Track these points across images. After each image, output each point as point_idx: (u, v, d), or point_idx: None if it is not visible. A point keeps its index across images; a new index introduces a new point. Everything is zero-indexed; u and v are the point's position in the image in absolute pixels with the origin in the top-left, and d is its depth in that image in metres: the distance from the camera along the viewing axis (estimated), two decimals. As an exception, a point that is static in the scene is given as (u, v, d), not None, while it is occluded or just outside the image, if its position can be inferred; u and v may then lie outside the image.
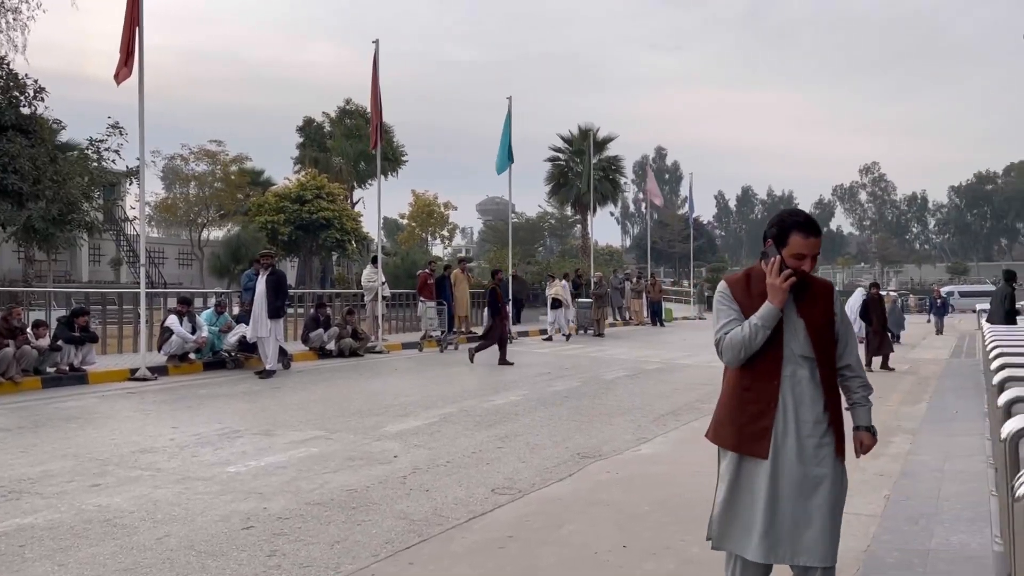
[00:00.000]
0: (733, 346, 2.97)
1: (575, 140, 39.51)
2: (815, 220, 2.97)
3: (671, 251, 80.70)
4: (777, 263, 2.92)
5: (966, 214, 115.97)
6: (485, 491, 5.88)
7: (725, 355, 3.02)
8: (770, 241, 2.97)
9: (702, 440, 7.74)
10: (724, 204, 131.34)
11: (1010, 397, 4.33)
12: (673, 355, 16.85)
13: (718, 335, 3.04)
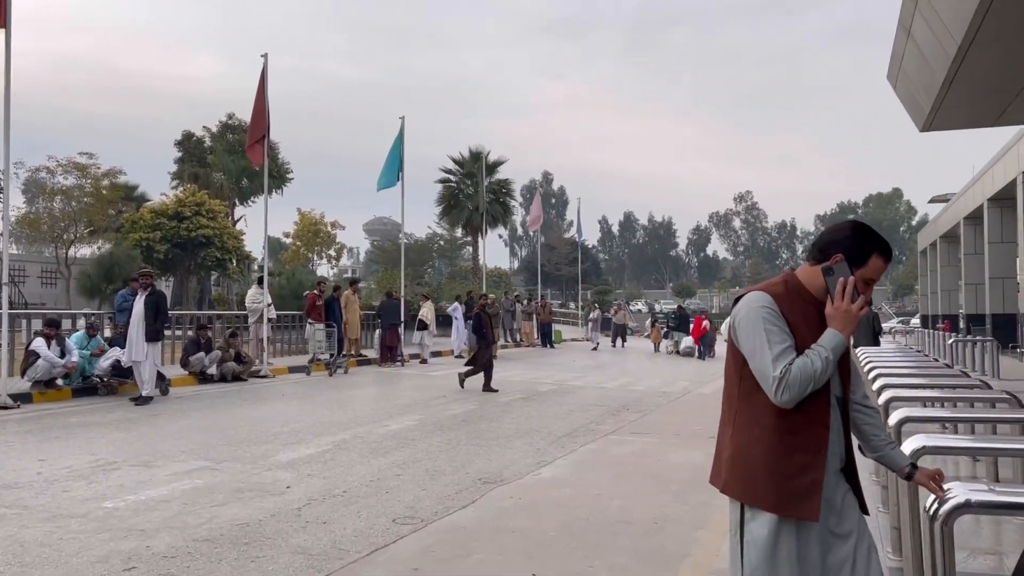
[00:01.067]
0: (803, 381, 2.35)
1: (466, 162, 39.66)
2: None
3: (558, 274, 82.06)
4: (851, 285, 2.45)
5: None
6: (386, 521, 5.67)
7: (788, 392, 2.36)
8: (840, 256, 2.48)
9: (602, 462, 7.84)
10: (608, 229, 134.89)
11: (900, 417, 4.53)
12: (565, 376, 17.00)
13: (780, 367, 2.37)
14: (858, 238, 2.51)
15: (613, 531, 5.52)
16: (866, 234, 2.52)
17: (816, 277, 2.53)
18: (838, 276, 2.47)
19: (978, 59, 11.31)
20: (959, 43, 10.60)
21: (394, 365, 19.05)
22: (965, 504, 2.43)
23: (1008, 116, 15.18)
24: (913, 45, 12.98)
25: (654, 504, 6.21)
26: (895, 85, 15.68)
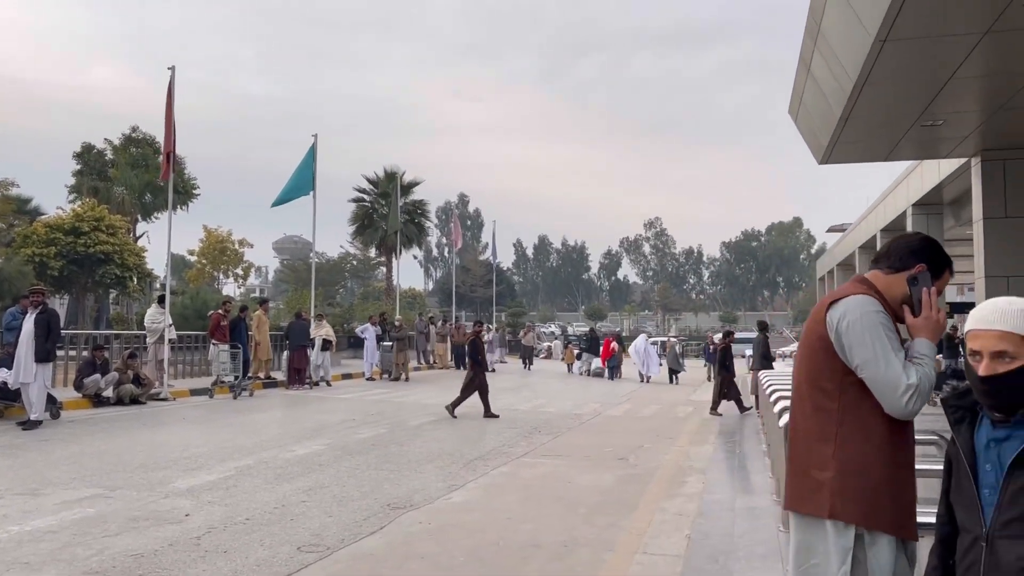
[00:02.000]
0: (929, 390, 2.25)
1: (380, 182, 39.35)
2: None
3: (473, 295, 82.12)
4: (935, 296, 2.40)
5: (735, 267, 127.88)
6: (290, 549, 5.50)
7: (920, 401, 2.23)
8: (923, 266, 2.42)
9: (513, 485, 7.83)
10: (522, 252, 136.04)
11: (799, 439, 4.69)
12: (477, 399, 16.92)
13: (914, 375, 2.23)
14: (936, 251, 2.46)
15: (523, 555, 5.51)
16: (940, 248, 2.48)
17: (894, 286, 2.43)
18: (922, 286, 2.38)
19: (872, 98, 11.96)
20: (855, 81, 11.18)
21: (302, 388, 18.62)
22: (858, 524, 2.51)
23: (898, 152, 16.08)
24: (812, 82, 13.63)
25: (564, 527, 6.22)
26: (796, 119, 16.40)
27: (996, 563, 1.72)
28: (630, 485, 7.94)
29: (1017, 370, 1.72)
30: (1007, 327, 1.74)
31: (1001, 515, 1.73)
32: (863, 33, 9.80)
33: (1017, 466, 1.72)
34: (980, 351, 1.77)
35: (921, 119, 13.33)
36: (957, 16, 9.09)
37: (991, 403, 1.77)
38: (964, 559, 1.81)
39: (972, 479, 1.79)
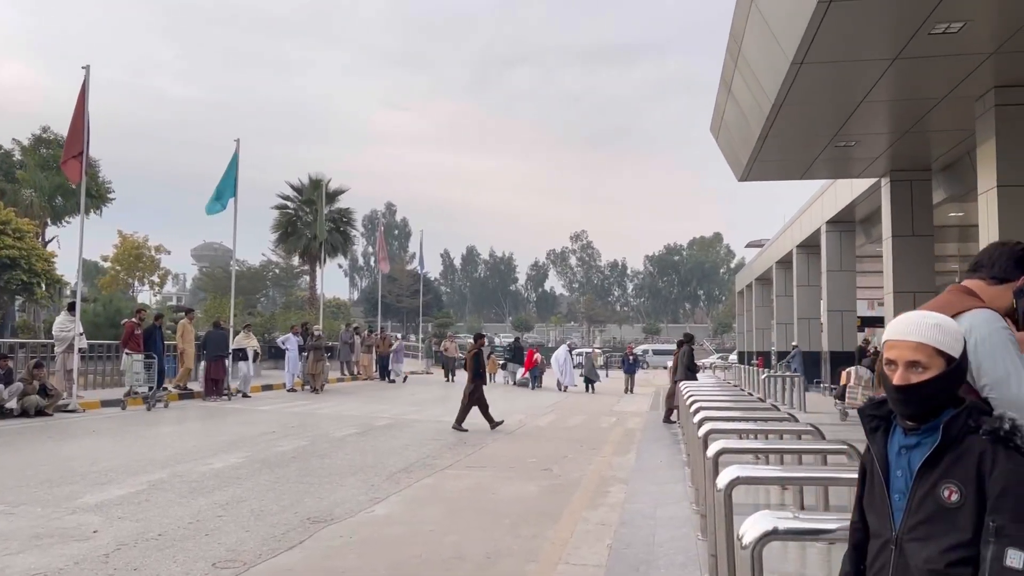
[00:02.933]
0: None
1: (305, 189, 38.72)
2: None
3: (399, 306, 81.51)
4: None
5: (658, 280, 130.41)
6: (205, 566, 5.32)
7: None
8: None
9: (437, 497, 7.77)
10: (450, 262, 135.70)
11: (718, 449, 4.80)
12: (403, 410, 16.79)
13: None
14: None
15: (446, 568, 5.46)
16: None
17: (999, 298, 2.30)
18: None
19: (789, 118, 12.40)
20: (773, 101, 11.57)
21: (220, 399, 18.11)
22: (772, 531, 2.58)
23: (813, 171, 16.71)
24: (733, 101, 14.05)
25: (488, 539, 6.20)
26: (717, 137, 16.87)
27: (904, 565, 1.79)
28: (554, 496, 7.98)
29: (928, 380, 1.80)
30: (921, 339, 1.83)
31: (909, 519, 1.80)
32: (781, 55, 10.15)
33: (924, 471, 1.80)
34: (896, 360, 1.84)
35: (835, 139, 13.89)
36: (868, 43, 9.51)
37: (904, 411, 1.85)
38: (875, 563, 1.88)
39: (885, 485, 1.87)
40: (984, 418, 1.80)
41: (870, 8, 8.51)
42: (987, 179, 11.32)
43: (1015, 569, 1.64)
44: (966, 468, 1.75)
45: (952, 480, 1.76)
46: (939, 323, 1.87)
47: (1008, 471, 1.71)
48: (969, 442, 1.78)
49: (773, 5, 9.88)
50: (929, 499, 1.78)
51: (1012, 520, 1.68)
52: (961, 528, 1.73)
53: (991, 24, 8.98)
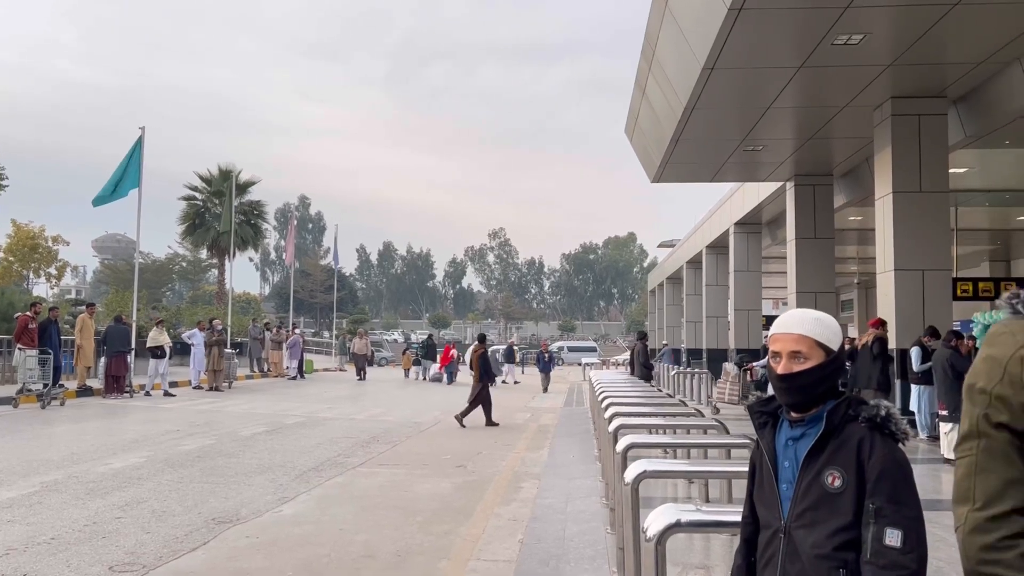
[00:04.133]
0: None
1: (214, 180, 37.53)
2: None
3: (313, 301, 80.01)
4: None
5: (574, 278, 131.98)
6: (101, 570, 5.10)
7: None
8: None
9: (348, 496, 7.65)
10: (366, 257, 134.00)
11: (627, 444, 4.89)
12: (314, 408, 16.49)
13: None
14: None
15: (356, 567, 5.39)
16: None
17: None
18: None
19: (700, 122, 12.74)
20: (685, 105, 11.86)
21: (121, 396, 17.39)
22: (676, 524, 2.65)
23: (723, 174, 17.22)
24: (647, 104, 14.33)
25: (399, 536, 6.15)
26: (631, 138, 17.19)
27: (793, 552, 1.87)
28: (467, 492, 7.98)
29: (809, 369, 1.91)
30: (802, 331, 1.94)
31: (796, 507, 1.89)
32: (693, 60, 10.41)
33: (809, 460, 1.89)
34: (780, 352, 1.95)
35: (744, 144, 14.34)
36: (775, 51, 9.86)
37: (788, 399, 1.94)
38: (765, 552, 1.96)
39: (774, 476, 1.96)
40: (863, 407, 1.89)
41: (777, 17, 8.82)
42: (883, 185, 11.89)
43: (893, 547, 1.73)
44: (847, 455, 1.84)
45: (835, 467, 1.85)
46: (819, 318, 1.98)
47: (884, 456, 1.81)
48: (850, 430, 1.87)
49: (686, 10, 10.12)
50: (814, 486, 1.86)
51: (889, 501, 1.77)
52: (844, 512, 1.82)
53: (889, 37, 9.44)
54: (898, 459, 1.82)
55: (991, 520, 1.34)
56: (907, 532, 1.75)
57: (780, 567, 1.89)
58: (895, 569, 1.73)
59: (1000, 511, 1.33)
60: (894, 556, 1.73)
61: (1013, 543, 1.31)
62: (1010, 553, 1.31)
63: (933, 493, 8.04)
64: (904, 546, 1.73)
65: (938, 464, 9.40)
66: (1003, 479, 1.34)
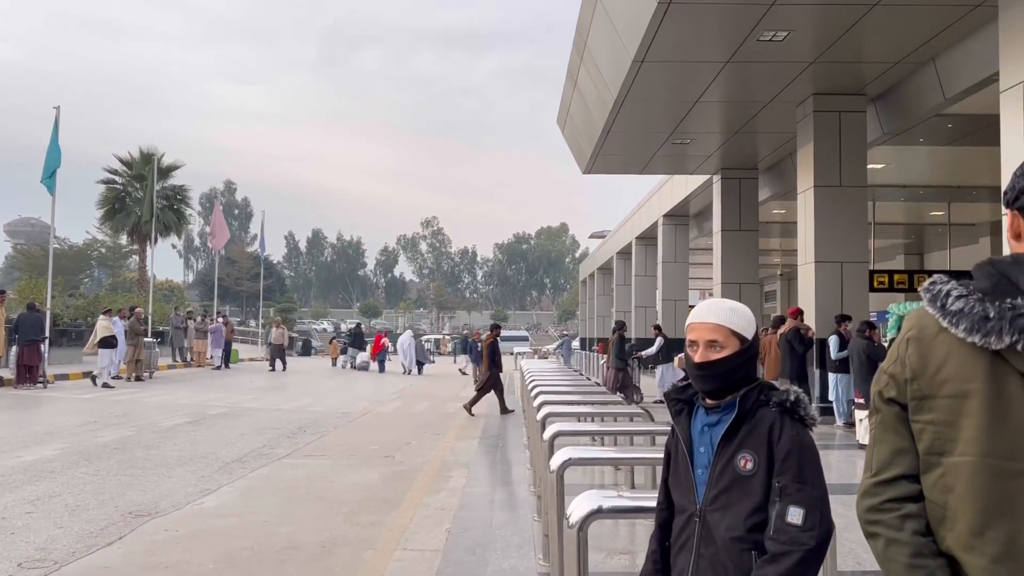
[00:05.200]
0: None
1: (135, 163, 36.24)
2: None
3: (239, 289, 78.22)
4: None
5: (507, 268, 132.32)
6: (9, 566, 4.89)
7: None
8: None
9: (272, 487, 7.52)
10: (295, 245, 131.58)
11: (553, 432, 4.92)
12: (239, 398, 16.13)
13: None
14: None
15: (279, 559, 5.29)
16: None
17: None
18: None
19: (630, 114, 12.87)
20: (615, 97, 11.97)
21: (34, 387, 16.70)
22: (597, 510, 2.67)
23: (652, 166, 17.46)
24: (578, 95, 14.41)
25: (324, 528, 6.07)
26: (563, 129, 17.28)
27: (708, 534, 1.92)
28: (395, 482, 7.92)
29: (725, 357, 1.96)
30: (719, 321, 2.00)
31: (711, 491, 1.94)
32: (624, 53, 10.50)
33: (723, 444, 1.94)
34: (697, 341, 2.00)
35: (672, 137, 14.56)
36: (703, 45, 10.02)
37: (704, 386, 2.00)
38: (680, 536, 2.00)
39: (689, 462, 2.01)
40: (773, 392, 1.96)
41: (705, 12, 8.96)
42: (805, 179, 12.24)
43: (795, 525, 1.80)
44: (759, 438, 1.90)
45: (747, 450, 1.91)
46: (734, 308, 2.04)
47: (792, 437, 1.88)
48: (761, 414, 1.93)
49: (617, 3, 10.19)
50: (728, 469, 1.92)
51: (794, 480, 1.84)
52: (756, 494, 1.87)
53: (811, 35, 9.70)
54: (805, 441, 1.89)
55: (878, 484, 1.45)
56: (809, 511, 1.81)
57: (695, 550, 1.94)
58: (794, 545, 1.78)
59: (887, 476, 1.43)
60: (794, 533, 1.79)
61: (896, 506, 1.42)
62: (891, 514, 1.42)
63: (849, 478, 8.34)
64: (805, 524, 1.80)
65: (853, 450, 9.76)
66: (892, 448, 1.44)
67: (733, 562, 1.87)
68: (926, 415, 1.39)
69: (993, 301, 1.33)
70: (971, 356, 1.33)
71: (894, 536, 1.41)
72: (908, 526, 1.40)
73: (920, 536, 1.39)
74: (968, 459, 1.33)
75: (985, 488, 1.32)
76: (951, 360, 1.36)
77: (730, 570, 1.88)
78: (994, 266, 1.38)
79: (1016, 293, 1.32)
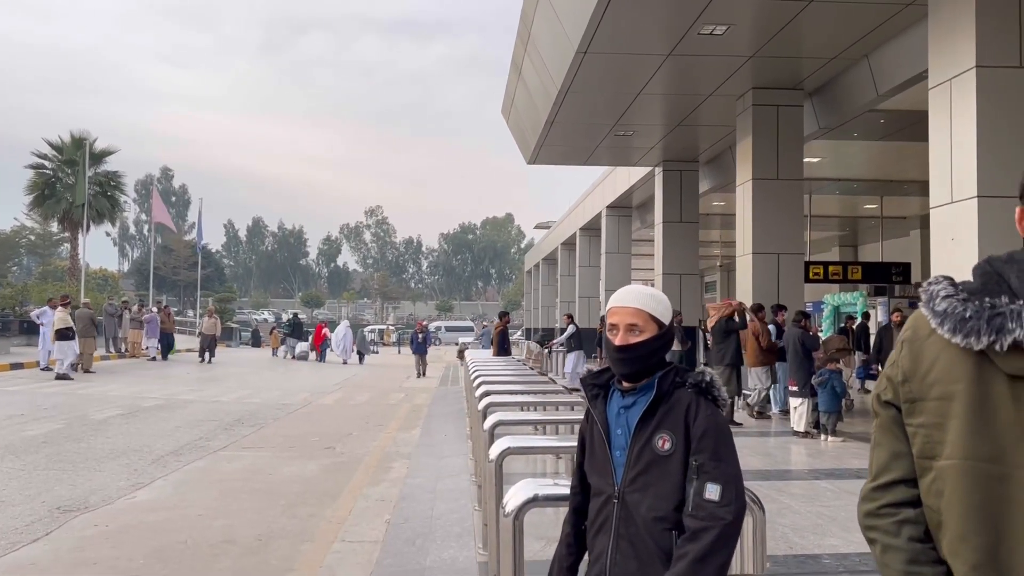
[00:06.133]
0: None
1: (66, 148, 34.97)
2: None
3: (176, 278, 76.35)
4: None
5: (452, 258, 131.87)
6: (-75, 567, 4.69)
7: None
8: None
9: (208, 480, 7.38)
10: (234, 233, 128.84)
11: (494, 421, 4.92)
12: (176, 390, 15.76)
13: None
14: None
15: (213, 553, 5.20)
16: None
17: None
18: None
19: (574, 105, 12.91)
20: (559, 88, 11.99)
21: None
22: (533, 499, 2.68)
23: (596, 157, 17.57)
24: (523, 85, 14.40)
25: (261, 520, 5.97)
26: (508, 119, 17.25)
27: (628, 515, 1.96)
28: (335, 474, 7.84)
29: (645, 340, 2.02)
30: (638, 305, 2.05)
31: (630, 472, 1.98)
32: (567, 43, 10.53)
33: (641, 426, 1.99)
34: (617, 325, 2.05)
35: (615, 129, 14.67)
36: (645, 38, 10.09)
37: (623, 369, 2.04)
38: (597, 518, 2.04)
39: (607, 445, 2.04)
40: (689, 374, 2.03)
41: (647, 4, 9.02)
42: (744, 172, 12.46)
43: (712, 500, 1.86)
44: (676, 419, 1.97)
45: (665, 430, 1.96)
46: (653, 294, 2.10)
47: (707, 417, 1.95)
48: (678, 395, 2.00)
49: (561, -7, 10.19)
50: (646, 450, 1.97)
51: (710, 458, 1.90)
52: (674, 473, 1.93)
53: (751, 30, 9.85)
54: (719, 421, 1.97)
55: (876, 489, 1.42)
56: (725, 487, 1.88)
57: (614, 531, 1.97)
58: (713, 520, 1.85)
59: (885, 481, 1.41)
60: (712, 509, 1.85)
61: (893, 511, 1.39)
62: (887, 520, 1.39)
63: (783, 464, 8.55)
64: (722, 499, 1.86)
65: (788, 436, 10.00)
66: (890, 452, 1.41)
67: (654, 541, 1.92)
68: (917, 418, 1.36)
69: (977, 300, 1.29)
70: (958, 357, 1.30)
71: (890, 542, 1.38)
72: (904, 532, 1.37)
73: (917, 543, 1.36)
74: (953, 462, 1.30)
75: (968, 492, 1.28)
76: (940, 362, 1.33)
77: (651, 549, 1.92)
78: (990, 264, 1.34)
79: (1002, 292, 1.28)
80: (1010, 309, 1.25)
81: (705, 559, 1.81)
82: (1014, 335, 1.23)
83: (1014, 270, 1.29)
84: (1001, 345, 1.24)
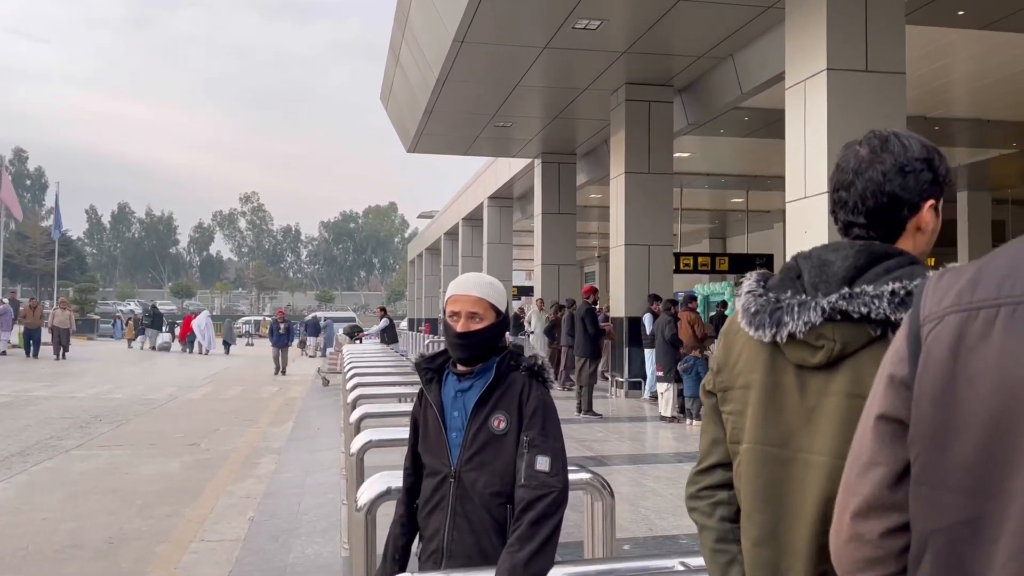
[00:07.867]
0: None
1: (-98, 125, 32.01)
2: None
3: (31, 267, 71.39)
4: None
5: (333, 247, 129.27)
6: None
7: None
8: None
9: (58, 481, 6.95)
10: (97, 220, 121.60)
11: (361, 414, 4.84)
12: (26, 386, 14.73)
13: None
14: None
15: (59, 558, 4.88)
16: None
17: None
18: None
19: (453, 94, 12.86)
20: (437, 77, 11.91)
21: None
22: (386, 492, 2.63)
23: (476, 148, 17.59)
24: (401, 72, 14.22)
25: (114, 522, 5.65)
26: (387, 106, 17.01)
27: (464, 493, 2.05)
28: (198, 471, 7.52)
29: (485, 327, 2.10)
30: (479, 294, 2.12)
31: (466, 452, 2.06)
32: (444, 32, 10.46)
33: (478, 408, 2.07)
34: (459, 312, 2.11)
35: (495, 120, 14.72)
36: (522, 29, 10.16)
37: (464, 355, 2.11)
38: (432, 497, 2.10)
39: (442, 427, 2.10)
40: (522, 358, 2.13)
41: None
42: (617, 166, 12.77)
43: (543, 471, 1.97)
44: (511, 400, 2.06)
45: (501, 411, 2.05)
46: (492, 282, 2.18)
47: (538, 396, 2.07)
48: (512, 378, 2.09)
49: (437, -20, 10.10)
50: (483, 431, 2.05)
51: (540, 434, 2.02)
52: (509, 451, 2.02)
53: (623, 26, 10.08)
54: (547, 401, 2.09)
55: (698, 473, 1.51)
56: (554, 459, 2.00)
57: (451, 508, 2.05)
58: (545, 488, 1.95)
59: (705, 465, 1.50)
60: (543, 478, 1.97)
61: (710, 493, 1.48)
62: (704, 502, 1.48)
63: (651, 448, 8.85)
64: (552, 470, 1.98)
65: (657, 421, 10.34)
66: (711, 438, 1.50)
67: (490, 515, 2.02)
68: (727, 405, 1.44)
69: (772, 295, 1.35)
70: (756, 349, 1.37)
71: (704, 522, 1.47)
72: (717, 512, 1.46)
73: (727, 522, 1.44)
74: (747, 446, 1.38)
75: (756, 474, 1.37)
76: (744, 353, 1.40)
77: (486, 523, 2.02)
78: (795, 259, 1.39)
79: (791, 286, 1.34)
80: (788, 304, 1.31)
81: (541, 521, 1.92)
82: (788, 328, 1.29)
83: (807, 265, 1.35)
84: (780, 337, 1.31)
